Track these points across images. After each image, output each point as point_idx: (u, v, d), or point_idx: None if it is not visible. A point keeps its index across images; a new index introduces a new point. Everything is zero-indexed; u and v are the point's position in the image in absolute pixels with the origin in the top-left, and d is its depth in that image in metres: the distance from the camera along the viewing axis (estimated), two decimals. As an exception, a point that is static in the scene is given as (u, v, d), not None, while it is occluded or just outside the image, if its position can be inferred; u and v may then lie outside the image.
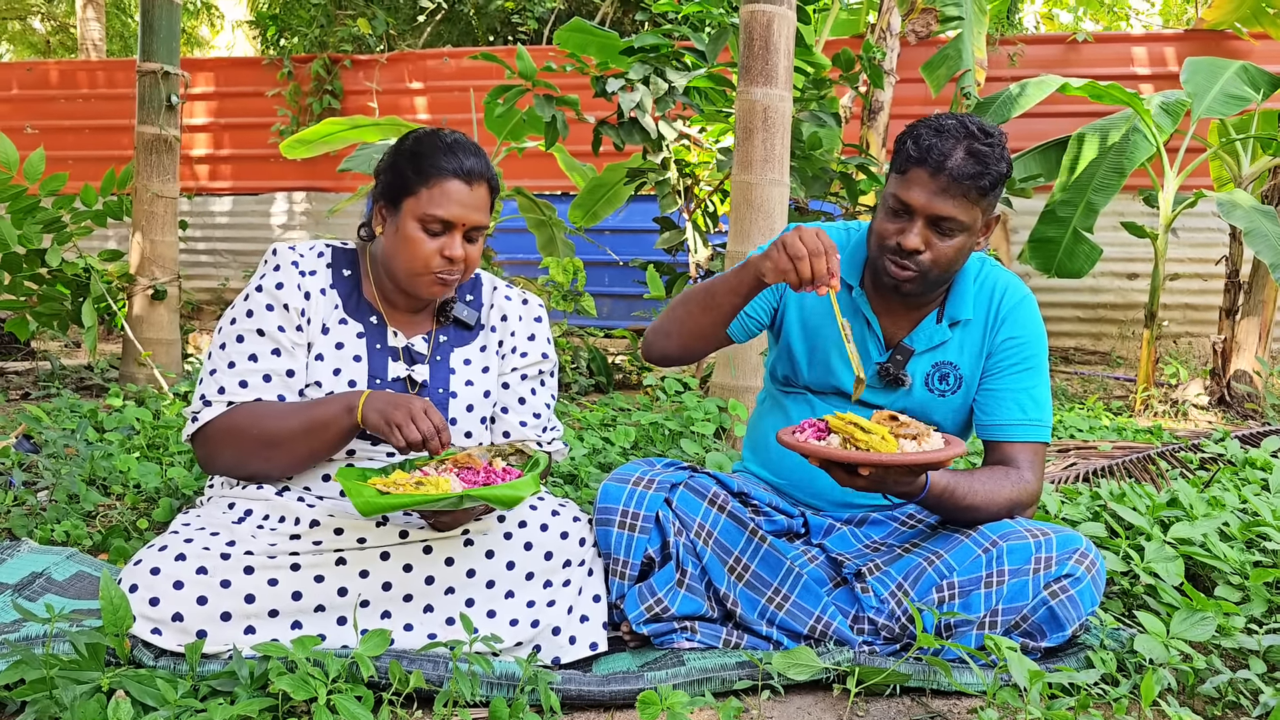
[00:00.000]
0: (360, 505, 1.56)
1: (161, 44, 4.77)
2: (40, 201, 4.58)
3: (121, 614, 1.56)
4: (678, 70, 4.93)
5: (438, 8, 10.29)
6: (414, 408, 1.71)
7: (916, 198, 1.82)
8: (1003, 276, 2.03)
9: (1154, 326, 5.51)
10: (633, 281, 7.68)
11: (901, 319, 2.02)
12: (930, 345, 1.99)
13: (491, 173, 1.92)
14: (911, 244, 1.84)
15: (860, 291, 2.02)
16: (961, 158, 1.80)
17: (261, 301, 1.89)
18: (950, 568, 1.85)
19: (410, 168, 1.87)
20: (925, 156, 1.81)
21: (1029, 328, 2.00)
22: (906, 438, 1.67)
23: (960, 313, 1.98)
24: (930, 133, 1.83)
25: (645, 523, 1.87)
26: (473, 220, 1.87)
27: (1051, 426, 2.04)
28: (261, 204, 9.26)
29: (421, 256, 1.85)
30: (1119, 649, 1.79)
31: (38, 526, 2.45)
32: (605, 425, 3.85)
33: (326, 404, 1.79)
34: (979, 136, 1.83)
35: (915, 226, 1.84)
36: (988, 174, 1.82)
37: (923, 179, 1.82)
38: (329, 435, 1.79)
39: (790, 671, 1.72)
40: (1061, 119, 7.31)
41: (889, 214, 1.88)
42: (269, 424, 1.80)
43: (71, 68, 9.77)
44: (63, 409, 3.78)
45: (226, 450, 1.83)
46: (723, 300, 1.90)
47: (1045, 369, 2.01)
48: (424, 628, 1.74)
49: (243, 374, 1.85)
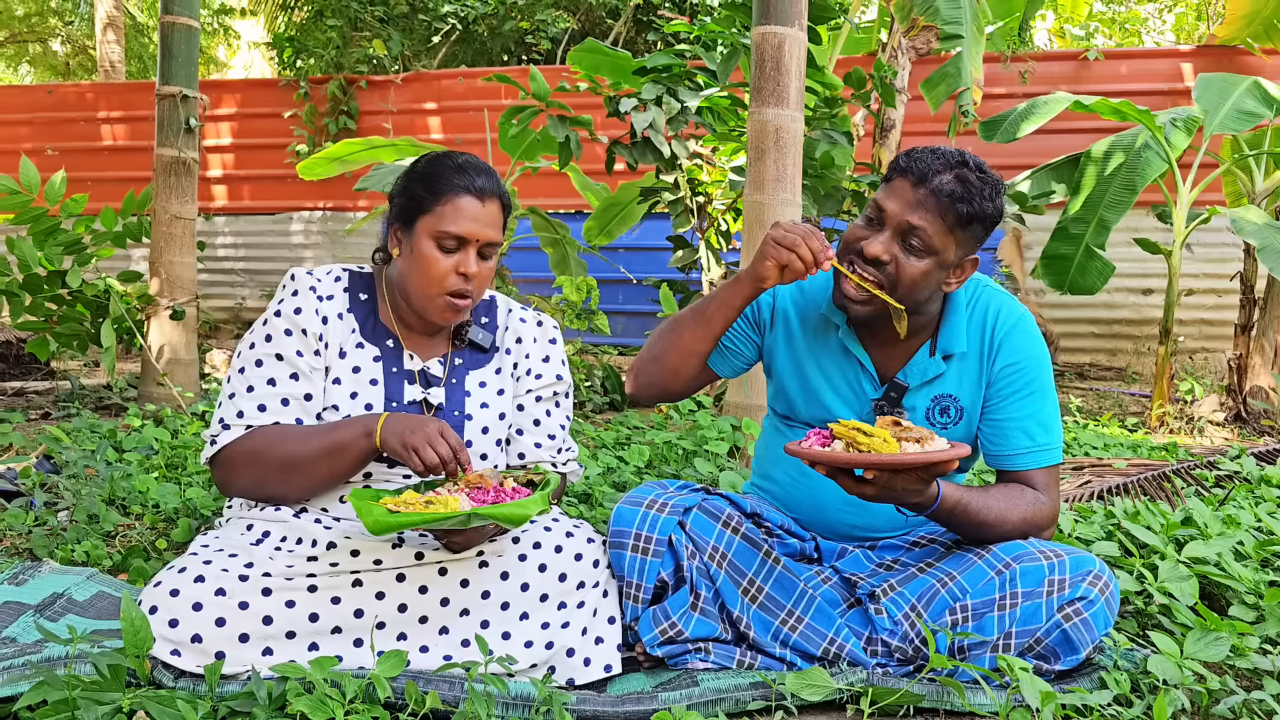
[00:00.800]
0: (370, 524, 1.58)
1: (180, 68, 4.83)
2: (61, 223, 4.65)
3: (142, 635, 1.58)
4: (690, 90, 4.97)
5: (452, 29, 10.38)
6: (430, 432, 1.73)
7: (892, 204, 1.82)
8: (995, 299, 1.99)
9: (1169, 342, 5.50)
10: (646, 299, 7.71)
11: (894, 353, 1.99)
12: (925, 379, 1.97)
13: (503, 190, 1.95)
14: (873, 251, 1.82)
15: (848, 330, 1.99)
16: (948, 178, 1.79)
17: (280, 326, 1.92)
18: (964, 590, 1.85)
19: (423, 188, 1.90)
20: (911, 167, 1.81)
21: (1026, 351, 1.95)
22: (910, 440, 1.66)
23: (953, 345, 1.95)
24: (926, 152, 1.84)
25: (658, 546, 1.88)
26: (486, 236, 1.90)
27: (1063, 445, 2.02)
28: (278, 223, 9.35)
29: (437, 274, 1.88)
30: (1133, 669, 1.79)
31: (58, 547, 2.48)
32: (619, 444, 3.87)
33: (345, 427, 1.82)
34: (973, 169, 1.82)
35: (883, 235, 1.83)
36: (970, 201, 1.79)
37: (903, 188, 1.81)
38: (347, 458, 1.81)
39: (804, 692, 1.72)
40: (1073, 135, 7.33)
41: (862, 221, 1.88)
42: (287, 447, 1.82)
43: (91, 90, 9.90)
44: (82, 429, 3.81)
45: (245, 473, 1.86)
46: (714, 314, 1.91)
47: (1049, 389, 1.97)
48: (439, 649, 1.76)
49: (261, 398, 1.88)
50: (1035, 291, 7.86)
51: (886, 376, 1.99)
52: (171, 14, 4.80)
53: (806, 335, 2.03)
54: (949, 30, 5.38)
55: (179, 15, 4.82)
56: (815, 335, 2.03)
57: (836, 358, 2.01)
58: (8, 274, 4.59)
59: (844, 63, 7.04)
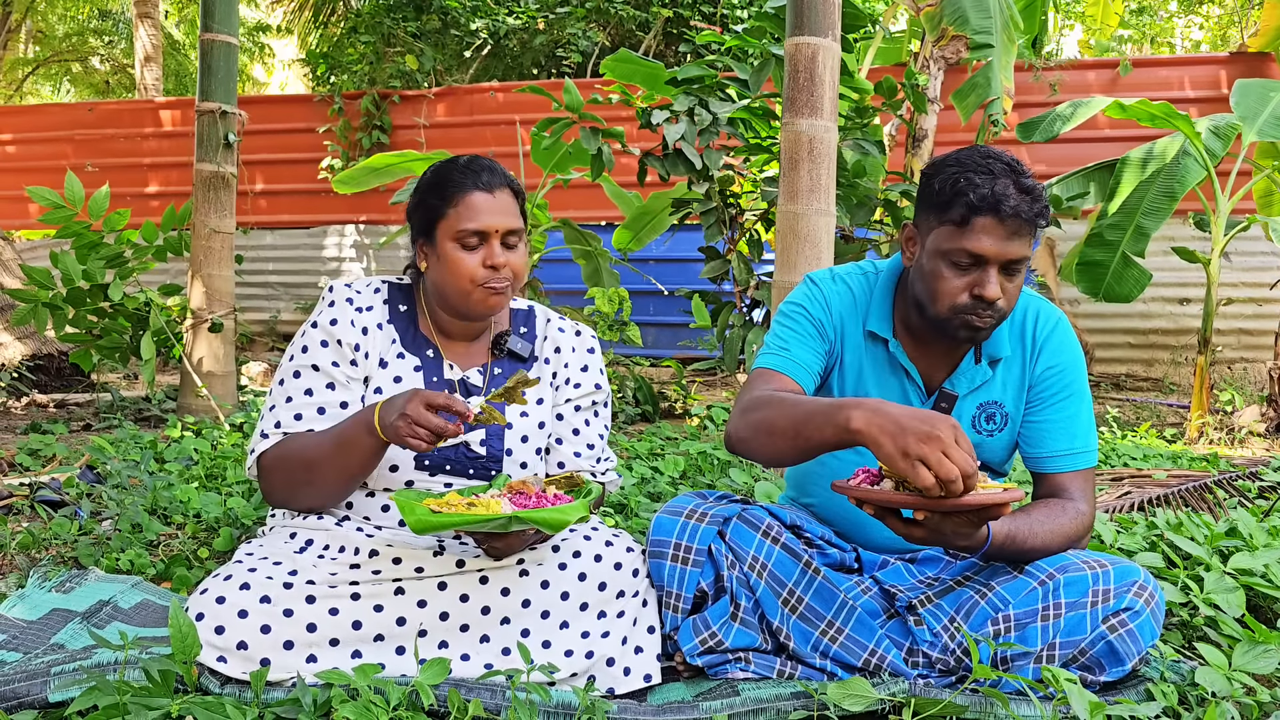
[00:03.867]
0: (413, 524, 1.59)
1: (219, 84, 4.91)
2: (103, 238, 4.72)
3: (190, 642, 1.60)
4: (722, 101, 4.98)
5: (483, 44, 10.47)
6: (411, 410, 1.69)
7: (989, 247, 1.74)
8: (1031, 303, 1.98)
9: (1208, 352, 5.43)
10: (678, 310, 7.71)
11: (938, 362, 1.97)
12: (973, 387, 1.96)
13: (510, 178, 1.97)
14: (995, 294, 1.76)
15: (896, 343, 1.97)
16: (1018, 196, 1.74)
17: (316, 338, 1.95)
18: (1005, 600, 1.84)
19: (434, 196, 1.93)
20: (987, 204, 1.73)
21: (1066, 354, 1.95)
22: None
23: (998, 350, 1.94)
24: (981, 177, 1.75)
25: (698, 556, 1.87)
26: (504, 225, 1.91)
27: (1098, 448, 2.01)
28: (313, 237, 9.45)
29: (466, 272, 1.89)
30: (1180, 682, 1.77)
31: (104, 555, 2.51)
32: (653, 455, 3.87)
33: (350, 423, 1.82)
34: (1019, 170, 1.78)
35: (991, 275, 1.76)
36: (1043, 204, 1.78)
37: (990, 226, 1.74)
38: (356, 454, 1.81)
39: (845, 702, 1.71)
40: (1103, 144, 7.27)
41: (954, 269, 1.78)
42: (305, 449, 1.85)
43: (131, 107, 10.06)
44: (125, 440, 3.87)
45: (276, 480, 1.89)
46: (816, 449, 1.70)
47: (1086, 392, 1.97)
48: (480, 658, 1.77)
49: (297, 408, 1.91)
50: (1070, 301, 7.79)
51: (933, 386, 1.98)
52: (211, 31, 4.89)
53: (855, 347, 2.02)
54: (979, 40, 5.35)
55: (218, 33, 4.90)
56: (864, 347, 2.01)
57: (883, 370, 1.99)
58: (51, 287, 4.67)
59: (875, 73, 7.03)
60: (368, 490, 1.95)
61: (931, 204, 1.81)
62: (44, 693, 1.59)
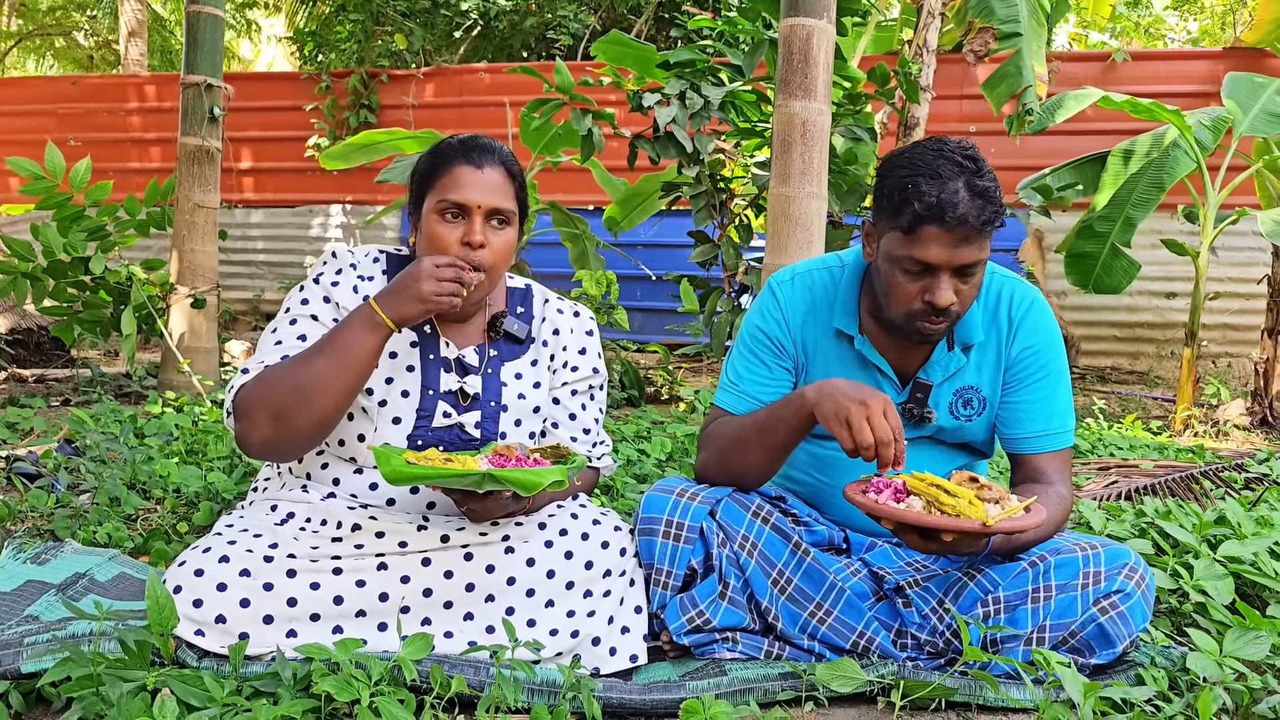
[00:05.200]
0: (387, 473, 1.57)
1: (205, 57, 4.84)
2: (85, 210, 4.65)
3: (167, 614, 1.56)
4: (714, 85, 4.94)
5: (474, 24, 10.38)
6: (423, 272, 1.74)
7: (937, 255, 1.71)
8: (1006, 284, 1.95)
9: (1194, 345, 5.44)
10: (666, 295, 7.68)
11: (910, 352, 1.95)
12: (947, 374, 1.94)
13: (506, 157, 1.91)
14: (945, 300, 1.73)
15: (863, 338, 1.94)
16: (968, 202, 1.67)
17: (318, 293, 1.91)
18: (994, 582, 1.82)
19: (426, 168, 1.90)
20: (933, 213, 1.67)
21: (1043, 333, 1.93)
22: (990, 501, 1.62)
23: (971, 336, 1.92)
24: (929, 183, 1.69)
25: (690, 533, 1.85)
26: (488, 202, 1.85)
27: (1082, 435, 2.00)
28: (298, 216, 9.36)
29: (441, 246, 1.84)
30: (1170, 667, 1.76)
31: (80, 528, 2.47)
32: (640, 437, 3.84)
33: (345, 329, 1.74)
34: (973, 169, 1.70)
35: (942, 282, 1.73)
36: (998, 210, 1.72)
37: (937, 235, 1.69)
38: (358, 355, 1.73)
39: (834, 683, 1.69)
40: (1094, 137, 7.27)
41: (906, 275, 1.75)
42: (290, 368, 1.74)
43: (115, 81, 9.94)
44: (104, 414, 3.82)
45: (259, 413, 1.71)
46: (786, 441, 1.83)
47: (1064, 372, 1.95)
48: (464, 635, 1.74)
49: (286, 349, 1.83)
50: (1057, 293, 7.80)
51: (907, 377, 1.96)
52: (197, 3, 4.81)
53: (823, 350, 1.99)
54: (1006, 29, 5.26)
55: (205, 5, 4.82)
56: (831, 349, 1.98)
57: (853, 367, 1.97)
58: (32, 259, 4.60)
59: (866, 61, 6.99)
60: (356, 467, 1.90)
61: (882, 207, 1.78)
62: (16, 663, 1.56)
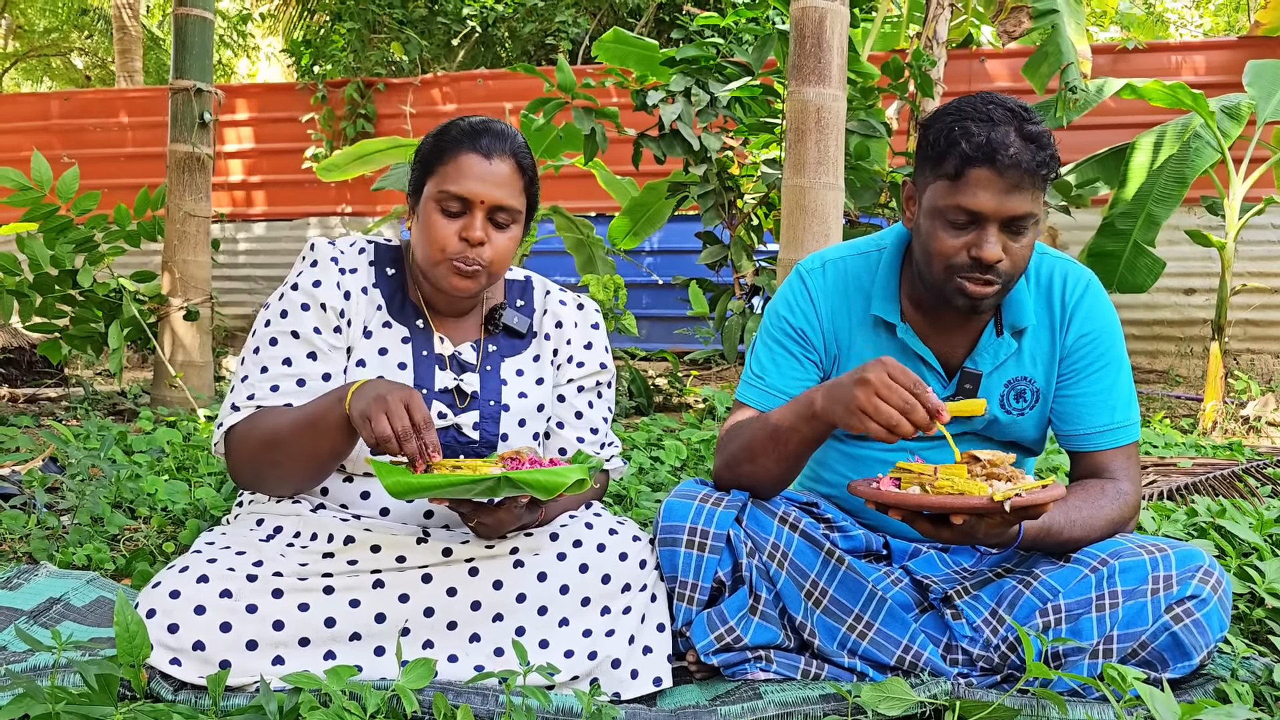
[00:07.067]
0: (389, 485, 1.40)
1: (194, 61, 4.71)
2: (73, 221, 4.50)
3: (138, 642, 1.40)
4: (720, 82, 4.80)
5: (471, 31, 10.27)
6: (392, 399, 1.47)
7: (986, 202, 1.57)
8: (1059, 265, 1.78)
9: (1221, 340, 5.27)
10: (674, 300, 7.52)
11: (955, 339, 1.78)
12: (997, 363, 1.76)
13: (519, 147, 1.74)
14: (993, 255, 1.58)
15: (905, 326, 1.77)
16: (1021, 145, 1.56)
17: (297, 301, 1.74)
18: (1053, 590, 1.66)
19: (430, 151, 1.73)
20: (985, 154, 1.56)
21: (1101, 318, 1.76)
22: (1001, 479, 1.46)
23: (1021, 319, 1.74)
24: (978, 125, 1.57)
25: (716, 541, 1.67)
26: (493, 198, 1.68)
27: (1140, 420, 1.82)
28: (295, 229, 9.22)
29: (437, 240, 1.68)
30: (1255, 680, 1.58)
31: (59, 550, 2.31)
32: (651, 444, 3.68)
33: (323, 397, 1.61)
34: (1025, 115, 1.59)
35: (990, 235, 1.59)
36: (1052, 155, 1.59)
37: (988, 179, 1.56)
38: (323, 429, 1.57)
39: (882, 706, 1.52)
40: (1112, 130, 7.10)
41: (950, 228, 1.62)
42: (271, 423, 1.63)
43: (108, 96, 9.83)
44: (91, 430, 3.66)
45: (240, 458, 1.66)
46: (799, 452, 1.68)
47: (1124, 360, 1.78)
48: (470, 659, 1.58)
49: (275, 379, 1.70)
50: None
51: (953, 367, 1.79)
52: (185, 5, 4.68)
53: (859, 343, 1.82)
54: (1041, 7, 5.03)
55: (193, 8, 4.70)
56: (869, 340, 1.81)
57: (894, 358, 1.80)
58: (18, 273, 4.44)
59: (873, 59, 6.85)
60: (345, 475, 1.75)
61: (927, 157, 1.65)
62: (-30, 701, 1.39)
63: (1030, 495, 1.41)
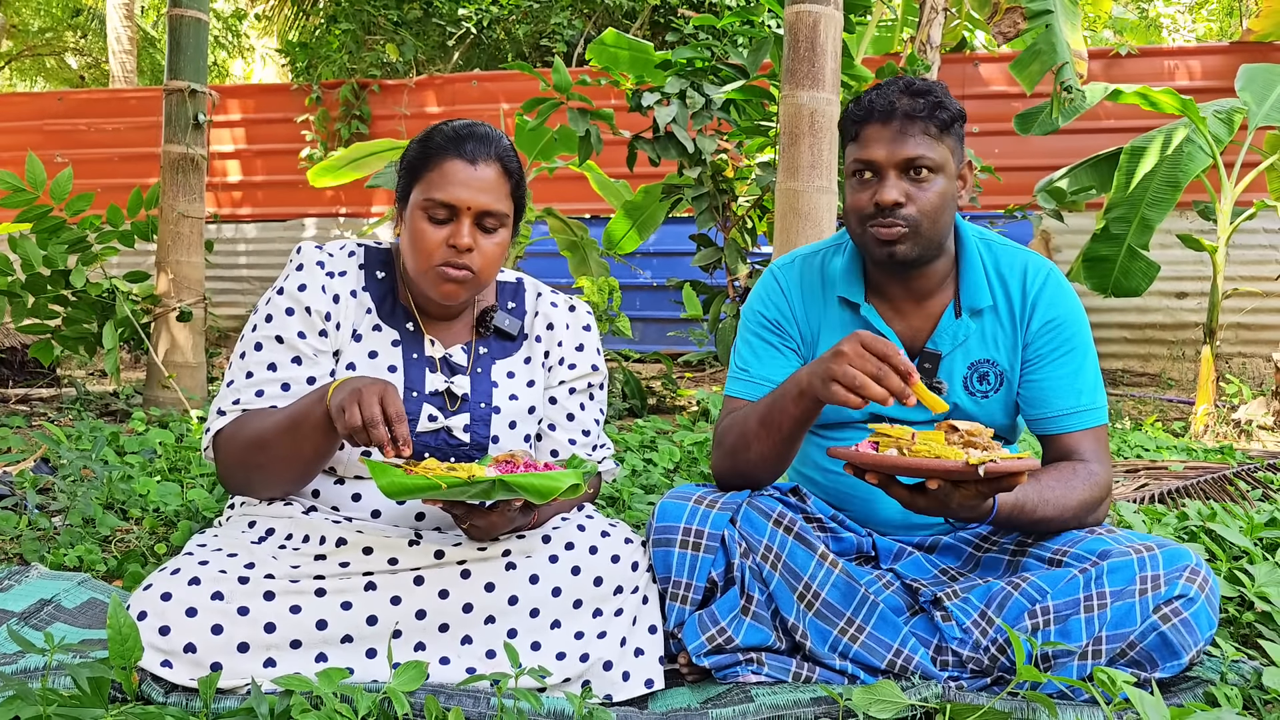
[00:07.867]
0: (384, 485, 1.40)
1: (188, 62, 4.70)
2: (66, 221, 4.49)
3: (130, 644, 1.39)
4: (714, 84, 4.80)
5: (466, 33, 10.26)
6: (367, 393, 1.47)
7: (877, 151, 1.72)
8: (1018, 255, 1.86)
9: (1213, 344, 5.28)
10: (668, 302, 7.52)
11: (916, 319, 1.84)
12: (957, 343, 1.82)
13: (504, 150, 1.74)
14: (890, 197, 1.70)
15: (869, 306, 1.85)
16: (905, 97, 1.72)
17: (282, 305, 1.74)
18: (1041, 591, 1.66)
19: (415, 158, 1.73)
20: (872, 109, 1.73)
21: (1063, 305, 1.82)
22: (978, 449, 1.48)
23: (977, 300, 1.81)
24: (872, 94, 1.76)
25: (710, 541, 1.69)
26: (479, 203, 1.69)
27: (1107, 405, 1.84)
28: (290, 230, 9.20)
29: (425, 247, 1.68)
30: (1243, 684, 1.59)
31: (50, 551, 2.30)
32: (645, 447, 3.68)
33: (305, 397, 1.61)
34: (914, 80, 1.75)
35: (888, 180, 1.71)
36: (939, 103, 1.71)
37: (876, 131, 1.72)
38: (306, 429, 1.57)
39: (873, 709, 1.53)
40: (1104, 135, 7.12)
41: (856, 184, 1.77)
42: (255, 426, 1.64)
43: (102, 96, 9.81)
44: (83, 431, 3.65)
45: (228, 461, 1.68)
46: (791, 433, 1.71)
47: (1089, 345, 1.84)
48: (461, 661, 1.58)
49: (260, 384, 1.70)
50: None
51: (915, 348, 1.84)
52: (180, 6, 4.67)
53: (829, 325, 1.88)
54: (1035, 7, 5.01)
55: (187, 8, 4.69)
56: (837, 320, 1.87)
57: None
58: (10, 273, 4.43)
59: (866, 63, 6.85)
60: (336, 478, 1.75)
61: (842, 134, 1.84)
62: (-41, 703, 1.39)
63: (1005, 463, 1.44)
